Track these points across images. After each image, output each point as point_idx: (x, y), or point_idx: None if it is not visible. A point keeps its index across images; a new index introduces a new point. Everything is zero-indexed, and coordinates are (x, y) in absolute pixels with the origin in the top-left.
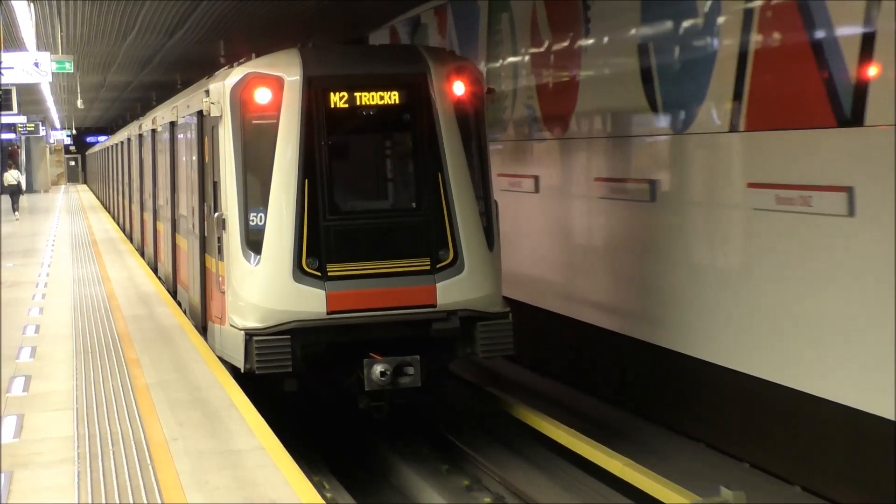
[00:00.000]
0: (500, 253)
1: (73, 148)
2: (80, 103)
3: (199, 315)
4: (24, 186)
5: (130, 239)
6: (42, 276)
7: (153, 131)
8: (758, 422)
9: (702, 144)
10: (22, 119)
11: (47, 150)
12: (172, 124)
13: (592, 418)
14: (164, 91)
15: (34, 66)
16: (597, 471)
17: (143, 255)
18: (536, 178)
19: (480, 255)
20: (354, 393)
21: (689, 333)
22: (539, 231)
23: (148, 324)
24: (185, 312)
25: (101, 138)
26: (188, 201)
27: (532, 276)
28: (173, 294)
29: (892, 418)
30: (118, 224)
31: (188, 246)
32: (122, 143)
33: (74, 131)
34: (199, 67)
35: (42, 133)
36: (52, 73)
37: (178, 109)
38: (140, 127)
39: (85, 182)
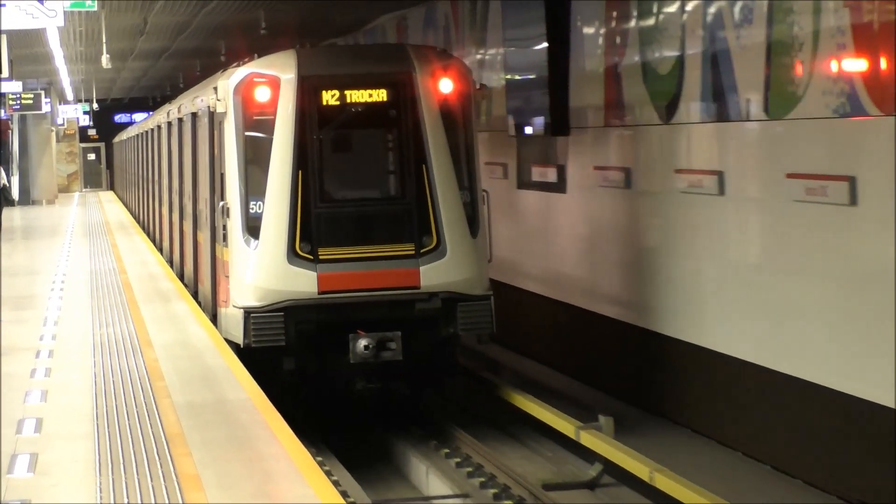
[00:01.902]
0: (485, 240)
1: (93, 132)
2: (105, 61)
3: (210, 303)
4: (13, 194)
5: (181, 276)
6: (45, 339)
7: (180, 121)
8: None
9: None
10: (14, 86)
11: (53, 135)
12: (194, 115)
13: None
14: (210, 58)
15: (37, 2)
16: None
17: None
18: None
19: (463, 242)
20: (349, 378)
21: None
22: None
23: (222, 432)
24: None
25: (138, 117)
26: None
27: None
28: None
29: None
30: (160, 250)
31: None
32: (160, 126)
33: (96, 105)
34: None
35: (46, 108)
36: (64, 13)
37: (196, 101)
38: (179, 109)
39: (111, 187)
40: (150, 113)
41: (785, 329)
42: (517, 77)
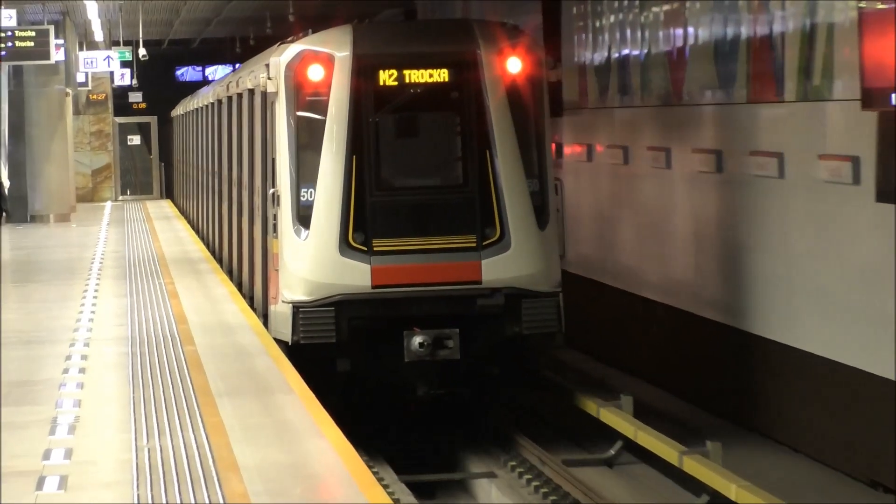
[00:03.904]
0: (555, 232)
1: (138, 99)
2: None
3: (261, 303)
4: (5, 204)
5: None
6: (53, 458)
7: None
8: None
9: None
10: (4, 18)
11: (69, 103)
12: (251, 92)
13: None
14: None
15: None
16: None
17: None
18: None
19: (529, 234)
20: (405, 379)
21: None
22: None
23: None
24: None
25: (218, 73)
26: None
27: None
28: None
29: None
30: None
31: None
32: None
33: (143, 52)
34: None
35: (57, 56)
36: None
37: (254, 74)
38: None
39: (167, 192)
40: (236, 66)
41: None
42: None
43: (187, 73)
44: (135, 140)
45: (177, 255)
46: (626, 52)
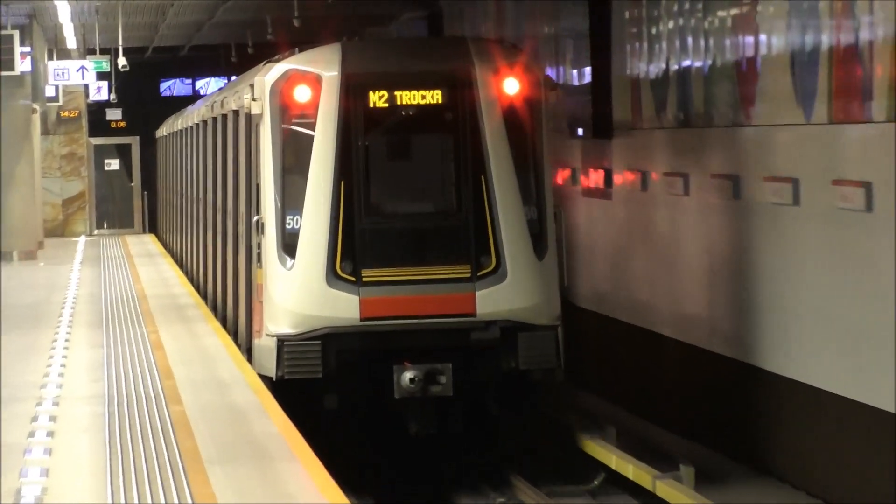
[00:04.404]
0: (555, 262)
1: (116, 116)
2: None
3: (245, 337)
4: None
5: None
6: None
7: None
8: None
9: None
10: None
11: (37, 121)
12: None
13: None
14: None
15: None
16: None
17: None
18: None
19: (526, 264)
20: (396, 416)
21: None
22: None
23: None
24: None
25: (208, 84)
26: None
27: None
28: None
29: None
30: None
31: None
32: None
33: (123, 61)
34: None
35: (22, 66)
36: None
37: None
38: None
39: (150, 226)
40: (232, 79)
41: None
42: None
43: (175, 86)
44: (113, 164)
45: (162, 298)
46: (686, 63)
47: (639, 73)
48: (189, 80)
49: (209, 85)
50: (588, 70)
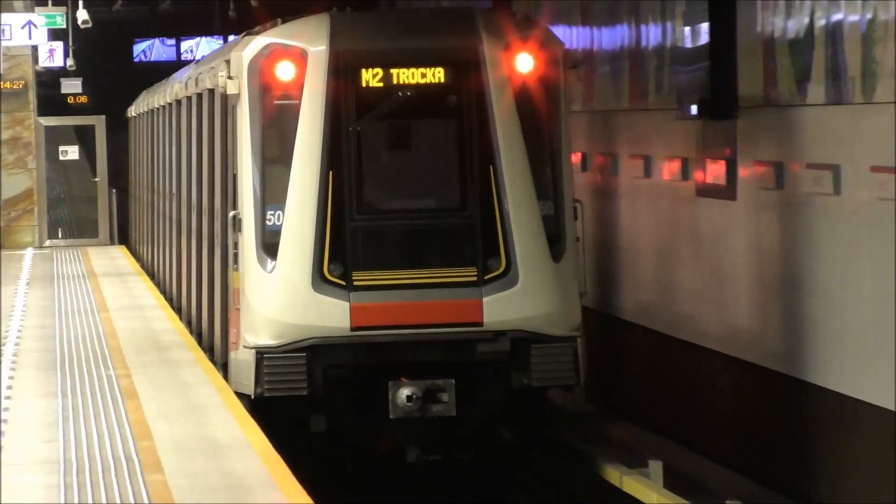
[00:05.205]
0: (573, 265)
1: (77, 94)
2: None
3: (220, 350)
4: None
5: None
6: None
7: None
8: None
9: None
10: None
11: None
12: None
13: None
14: None
15: None
16: None
17: None
18: None
19: (541, 266)
20: (392, 440)
21: None
22: None
23: None
24: None
25: (196, 46)
26: None
27: None
28: None
29: None
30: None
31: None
32: None
33: (84, 15)
34: None
35: None
36: None
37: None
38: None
39: (121, 236)
40: (230, 40)
41: None
42: None
43: (153, 48)
44: (71, 153)
45: (136, 332)
46: (838, 16)
47: (773, 32)
48: (172, 42)
49: (198, 48)
50: (704, 28)
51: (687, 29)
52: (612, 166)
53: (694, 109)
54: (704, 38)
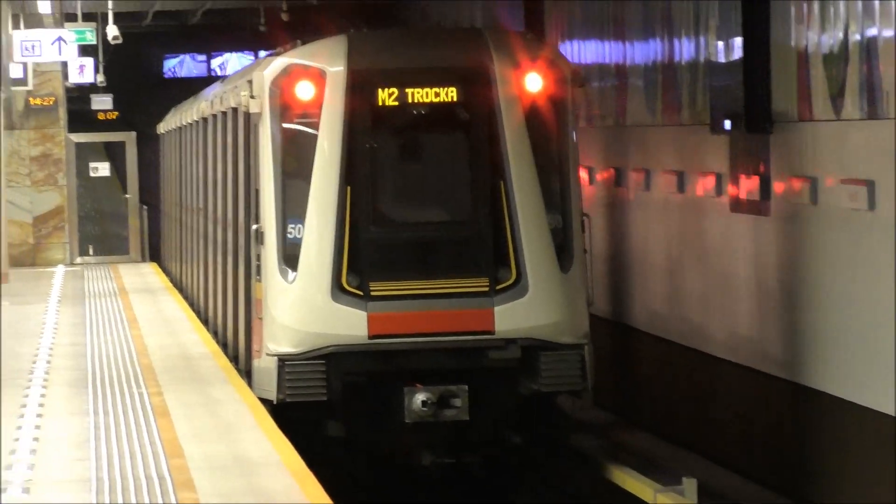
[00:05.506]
0: (581, 275)
1: (107, 110)
2: None
3: (245, 358)
4: None
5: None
6: None
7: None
8: None
9: None
10: None
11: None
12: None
13: None
14: None
15: None
16: None
17: None
18: None
19: (549, 277)
20: (406, 444)
21: None
22: None
23: None
24: None
25: (227, 62)
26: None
27: None
28: None
29: None
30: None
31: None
32: None
33: (114, 31)
34: None
35: None
36: None
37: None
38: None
39: (152, 253)
40: (260, 55)
41: None
42: None
43: (183, 64)
44: (101, 170)
45: (167, 349)
46: (872, 31)
47: (807, 45)
48: (202, 57)
49: (228, 64)
50: (738, 41)
51: (720, 42)
52: (645, 182)
53: (728, 124)
54: (738, 51)
